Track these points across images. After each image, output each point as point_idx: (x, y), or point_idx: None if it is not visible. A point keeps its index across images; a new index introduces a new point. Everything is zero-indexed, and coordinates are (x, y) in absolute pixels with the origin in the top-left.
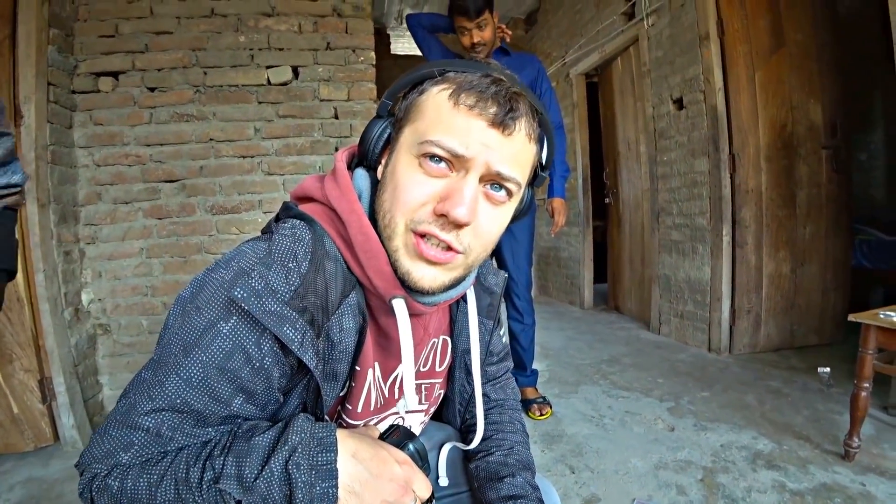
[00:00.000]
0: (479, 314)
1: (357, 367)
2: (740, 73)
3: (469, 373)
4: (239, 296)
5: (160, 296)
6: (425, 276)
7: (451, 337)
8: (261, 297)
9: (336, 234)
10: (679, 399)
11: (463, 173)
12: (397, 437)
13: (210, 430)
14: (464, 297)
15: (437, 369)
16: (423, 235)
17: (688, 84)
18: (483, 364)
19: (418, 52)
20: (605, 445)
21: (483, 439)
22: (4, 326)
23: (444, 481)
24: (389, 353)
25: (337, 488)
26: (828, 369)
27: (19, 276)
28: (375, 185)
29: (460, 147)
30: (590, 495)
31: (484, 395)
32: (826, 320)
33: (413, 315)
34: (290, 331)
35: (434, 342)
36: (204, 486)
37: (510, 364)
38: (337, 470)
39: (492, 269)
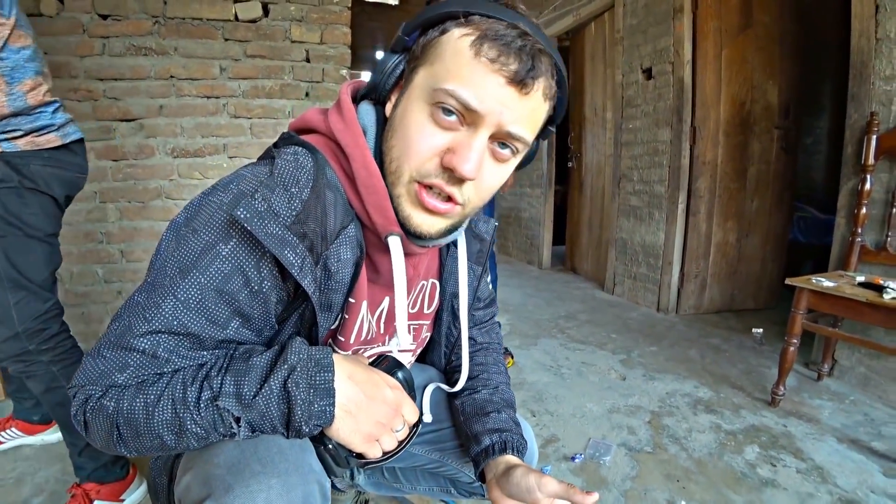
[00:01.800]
0: (468, 260)
1: (351, 300)
2: (709, 49)
3: (456, 316)
4: (242, 216)
5: (116, 243)
6: (425, 221)
7: (440, 280)
8: (263, 219)
9: (338, 166)
10: (630, 352)
11: (473, 129)
12: (386, 365)
13: (206, 353)
14: (454, 243)
15: (426, 311)
16: (427, 186)
17: (658, 55)
18: (470, 308)
19: (391, 1)
20: (563, 392)
21: (469, 378)
22: None
23: (428, 418)
24: (378, 288)
25: (334, 406)
26: (760, 330)
27: None
28: (381, 120)
29: (474, 101)
30: (550, 435)
31: (470, 338)
32: (763, 287)
33: (406, 254)
34: (291, 255)
35: (423, 284)
36: (202, 405)
37: (496, 310)
38: (335, 389)
39: (482, 217)
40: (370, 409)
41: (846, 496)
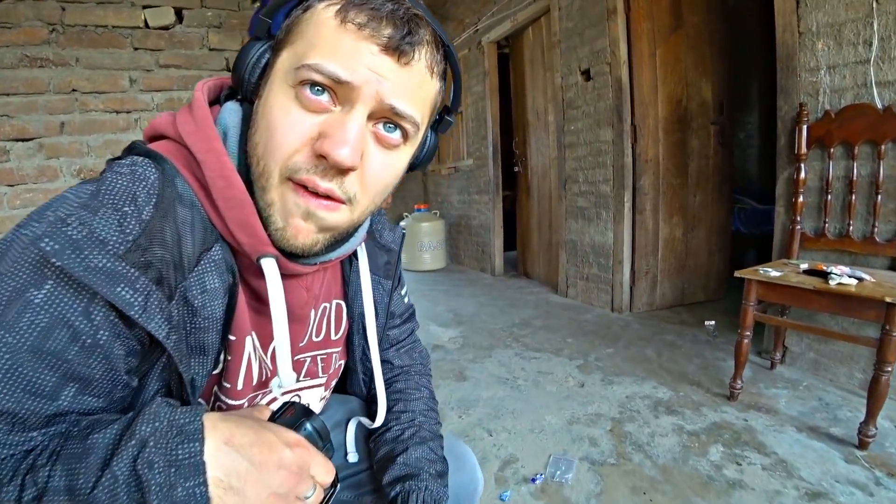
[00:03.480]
0: (374, 273)
1: (231, 337)
2: (643, 49)
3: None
4: (49, 249)
5: None
6: (300, 233)
7: (346, 300)
8: (81, 251)
9: (193, 178)
10: (587, 356)
11: (349, 106)
12: (291, 415)
13: (34, 433)
14: (355, 255)
15: (333, 337)
16: (302, 185)
17: (595, 56)
18: (384, 328)
19: None
20: (521, 406)
21: (387, 410)
22: None
23: (353, 457)
24: (266, 319)
25: (206, 486)
26: (713, 322)
27: None
28: (248, 119)
29: (344, 72)
30: (508, 456)
31: (386, 361)
32: (711, 279)
33: (290, 276)
34: (127, 292)
35: (326, 307)
36: None
37: (415, 325)
38: (204, 463)
39: (388, 225)
40: (262, 479)
41: (812, 489)
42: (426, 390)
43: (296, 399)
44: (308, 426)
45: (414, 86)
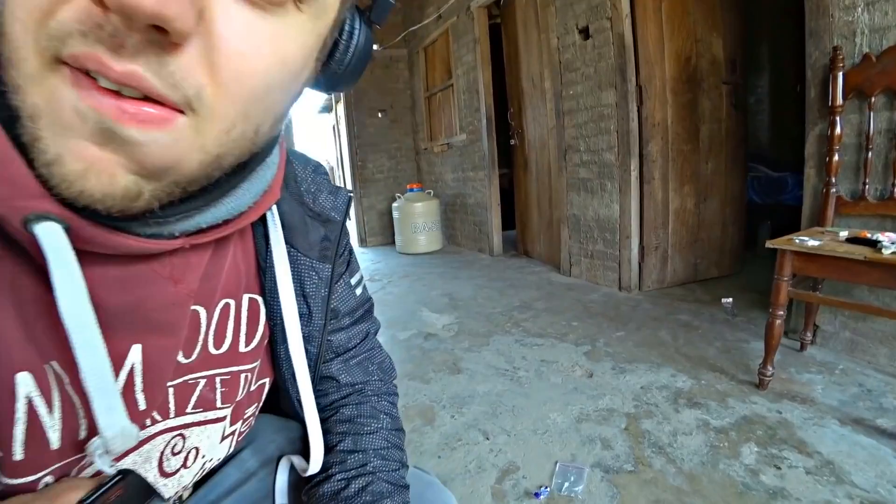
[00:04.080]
0: (305, 254)
1: None
2: (647, 1)
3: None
4: None
5: None
6: (95, 167)
7: (264, 295)
8: None
9: None
10: (595, 341)
11: None
12: (119, 496)
13: None
14: (263, 221)
15: (243, 349)
16: (83, 72)
17: (594, 11)
18: (323, 332)
19: None
20: (522, 402)
21: (328, 450)
22: None
23: None
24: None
25: None
26: (730, 299)
27: None
28: None
29: None
30: (507, 464)
31: (329, 378)
32: (725, 253)
33: (131, 258)
34: None
35: (228, 304)
36: None
37: (372, 325)
38: None
39: (326, 184)
40: None
41: (868, 497)
42: (386, 418)
43: (140, 469)
44: None
45: None
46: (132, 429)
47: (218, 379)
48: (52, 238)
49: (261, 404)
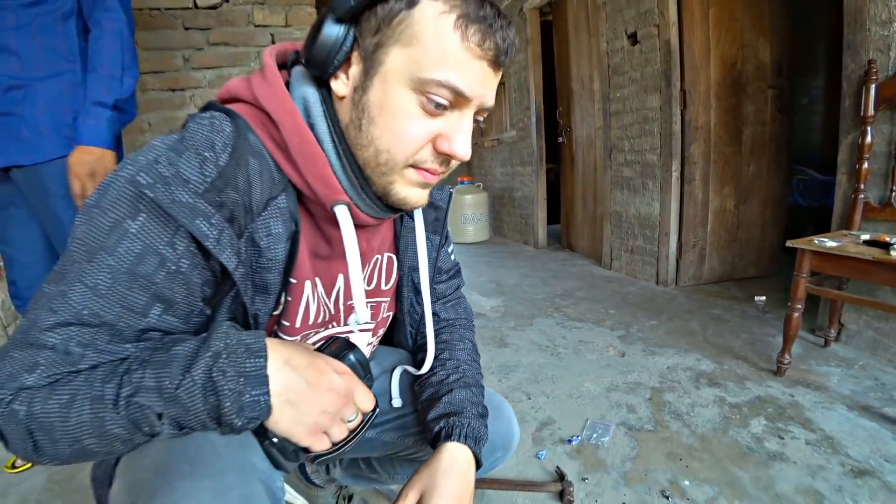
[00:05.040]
0: (425, 230)
1: (292, 280)
2: (694, 9)
3: (418, 291)
4: (144, 181)
5: None
6: (420, 198)
7: (397, 254)
8: (169, 185)
9: (265, 133)
10: (629, 328)
11: (460, 111)
12: (335, 348)
13: (128, 345)
14: (409, 213)
15: (383, 287)
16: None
17: (642, 18)
18: (431, 282)
19: None
20: (560, 372)
21: (433, 358)
22: None
23: (397, 402)
24: (330, 265)
25: (269, 396)
26: (763, 298)
27: None
28: (323, 95)
29: (467, 89)
30: (546, 418)
31: (433, 314)
32: (763, 254)
33: (357, 226)
34: (205, 225)
35: (378, 259)
36: (121, 402)
37: (461, 281)
38: (268, 377)
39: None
40: (314, 398)
41: (859, 466)
42: (470, 343)
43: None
44: (351, 357)
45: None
46: (368, 312)
47: (369, 304)
48: (344, 213)
49: (384, 331)
